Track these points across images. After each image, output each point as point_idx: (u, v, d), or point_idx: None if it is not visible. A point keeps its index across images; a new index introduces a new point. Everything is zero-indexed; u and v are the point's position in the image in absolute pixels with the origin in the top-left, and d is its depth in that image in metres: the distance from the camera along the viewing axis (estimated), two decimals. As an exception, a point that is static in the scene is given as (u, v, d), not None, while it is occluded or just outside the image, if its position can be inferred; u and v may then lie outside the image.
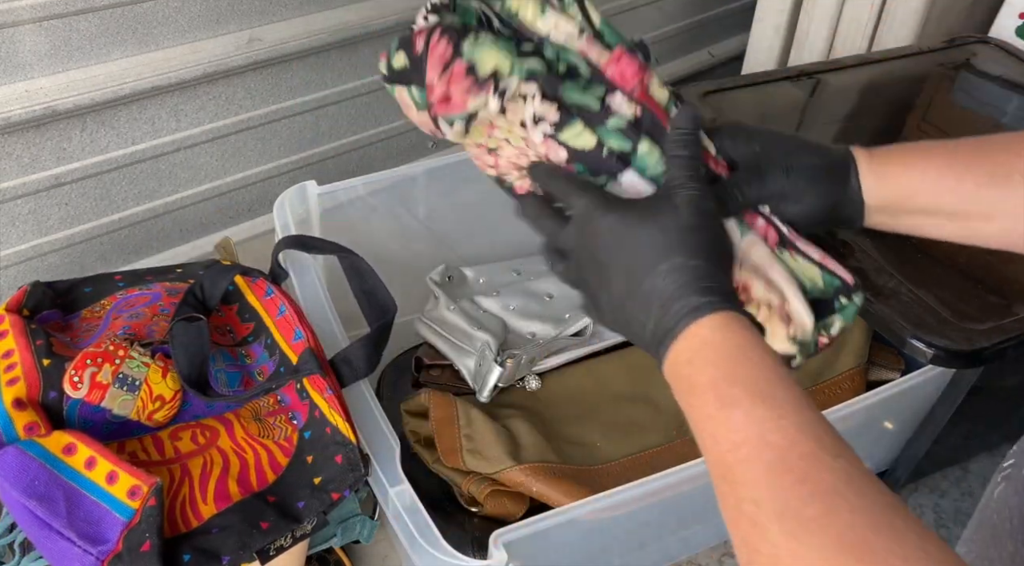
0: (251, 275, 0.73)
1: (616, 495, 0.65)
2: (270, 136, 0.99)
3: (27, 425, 0.58)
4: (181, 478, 0.61)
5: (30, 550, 0.62)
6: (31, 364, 0.61)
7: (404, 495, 0.62)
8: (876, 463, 0.91)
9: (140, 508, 0.55)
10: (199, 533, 0.58)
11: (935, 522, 0.91)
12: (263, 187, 1.01)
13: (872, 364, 0.89)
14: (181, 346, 0.63)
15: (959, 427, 0.85)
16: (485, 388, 0.79)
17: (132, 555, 0.54)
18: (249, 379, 0.68)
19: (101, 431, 0.61)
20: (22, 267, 0.87)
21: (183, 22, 0.86)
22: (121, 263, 0.95)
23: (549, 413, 0.81)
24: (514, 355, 0.80)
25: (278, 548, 0.59)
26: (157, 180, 0.92)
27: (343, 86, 1.01)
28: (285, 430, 0.65)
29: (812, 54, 1.24)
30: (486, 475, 0.74)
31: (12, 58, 0.77)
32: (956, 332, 0.73)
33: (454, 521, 0.74)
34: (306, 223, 0.82)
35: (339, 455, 0.62)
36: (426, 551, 0.60)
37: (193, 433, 0.64)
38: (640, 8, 1.30)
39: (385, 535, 0.83)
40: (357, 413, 0.65)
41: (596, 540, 0.73)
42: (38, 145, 0.81)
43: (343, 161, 1.07)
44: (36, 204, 0.85)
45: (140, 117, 0.87)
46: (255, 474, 0.62)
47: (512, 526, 0.62)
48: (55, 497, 0.55)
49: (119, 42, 0.82)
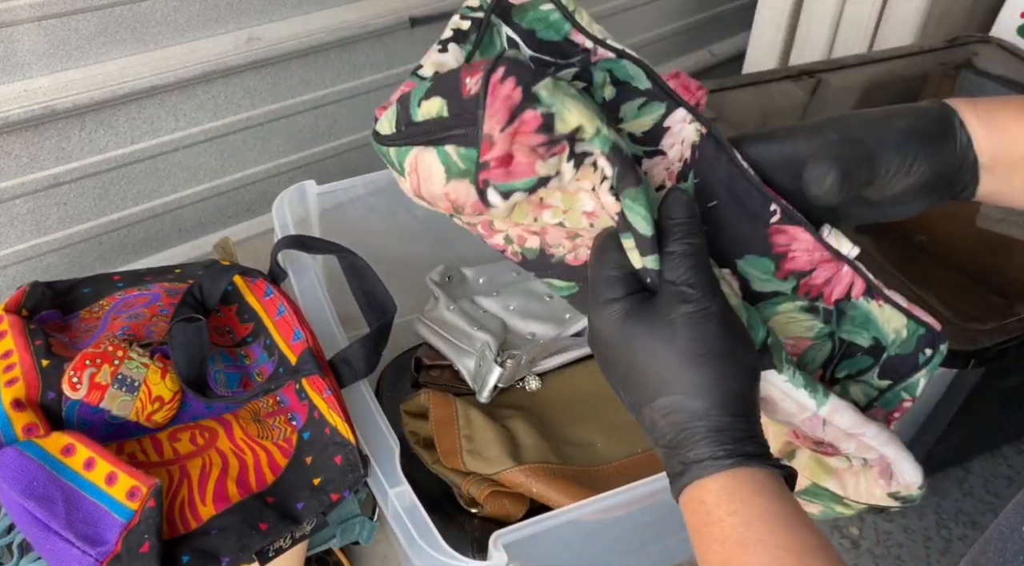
0: (250, 275, 0.73)
1: (616, 496, 0.65)
2: (269, 136, 0.98)
3: (26, 426, 0.58)
4: (180, 479, 0.61)
5: (29, 551, 0.62)
6: (30, 364, 0.61)
7: (403, 496, 0.62)
8: (877, 463, 0.91)
9: (139, 509, 0.55)
10: (198, 534, 0.58)
11: (936, 523, 0.91)
12: (262, 187, 1.01)
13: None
14: (180, 347, 0.63)
15: (960, 428, 0.85)
16: (485, 388, 0.79)
17: (131, 556, 0.54)
18: (248, 380, 0.68)
19: (100, 432, 0.61)
20: (21, 267, 0.87)
21: (182, 21, 0.85)
22: (120, 263, 0.95)
23: (549, 413, 0.81)
24: (514, 355, 0.80)
25: (277, 549, 0.59)
26: (156, 180, 0.92)
27: (342, 85, 1.00)
28: (284, 431, 0.65)
29: (813, 53, 1.24)
30: (486, 476, 0.74)
31: (11, 57, 0.76)
32: (957, 332, 0.73)
33: (454, 522, 0.74)
34: (305, 223, 0.82)
35: (338, 456, 0.62)
36: (426, 552, 0.60)
37: (192, 434, 0.64)
38: (640, 7, 1.30)
39: (384, 536, 0.83)
40: (356, 414, 0.65)
41: (596, 541, 0.73)
42: (37, 145, 0.81)
43: (343, 161, 1.07)
44: (35, 204, 0.85)
45: (139, 117, 0.87)
46: (254, 475, 0.62)
47: (512, 527, 0.62)
48: (54, 498, 0.55)
49: (118, 41, 0.82)
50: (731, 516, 0.37)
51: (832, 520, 0.92)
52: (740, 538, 0.37)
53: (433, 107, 0.38)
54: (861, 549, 0.90)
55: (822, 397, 0.44)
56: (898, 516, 0.92)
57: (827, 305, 0.48)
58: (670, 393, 0.39)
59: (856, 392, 0.50)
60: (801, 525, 0.37)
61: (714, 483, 0.38)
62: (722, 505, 0.38)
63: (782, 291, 0.48)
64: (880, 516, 0.92)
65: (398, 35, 1.01)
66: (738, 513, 0.37)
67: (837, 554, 0.37)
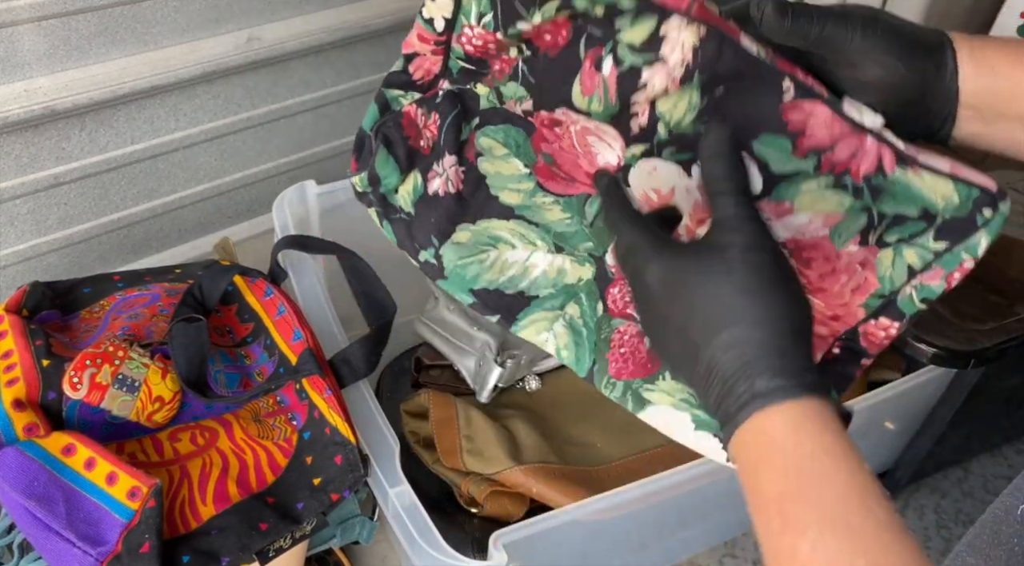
0: (250, 275, 0.73)
1: (616, 496, 0.65)
2: (269, 136, 0.98)
3: (26, 426, 0.58)
4: (180, 479, 0.61)
5: (29, 551, 0.62)
6: (30, 364, 0.61)
7: (404, 496, 0.62)
8: (877, 464, 0.91)
9: (139, 509, 0.55)
10: (198, 534, 0.58)
11: (936, 523, 0.91)
12: (262, 187, 1.01)
13: (873, 364, 0.88)
14: (180, 347, 0.63)
15: (960, 428, 0.85)
16: (485, 388, 0.79)
17: (131, 556, 0.54)
18: (248, 380, 0.68)
19: (100, 432, 0.61)
20: (21, 267, 0.87)
21: (182, 21, 0.85)
22: (120, 263, 0.95)
23: (549, 414, 0.81)
24: (514, 355, 0.80)
25: (277, 549, 0.59)
26: (156, 180, 0.92)
27: (342, 85, 1.00)
28: (284, 431, 0.65)
29: (812, 53, 1.23)
30: (486, 476, 0.74)
31: (11, 57, 0.76)
32: (957, 332, 0.73)
33: (454, 522, 0.74)
34: (305, 223, 0.82)
35: (338, 456, 0.62)
36: (426, 552, 0.60)
37: (192, 434, 0.64)
38: None
39: (384, 536, 0.83)
40: (356, 414, 0.65)
41: (596, 541, 0.73)
42: (37, 145, 0.81)
43: (343, 161, 1.07)
44: (35, 204, 0.85)
45: (139, 117, 0.87)
46: (254, 475, 0.62)
47: (512, 527, 0.62)
48: (54, 498, 0.55)
49: (118, 41, 0.82)
50: (797, 448, 0.37)
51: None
52: (805, 470, 0.36)
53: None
54: (861, 549, 0.89)
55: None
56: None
57: (856, 181, 0.46)
58: (732, 325, 0.39)
59: (911, 255, 0.48)
60: (863, 466, 0.37)
61: (780, 414, 0.37)
62: (789, 436, 0.37)
63: (803, 169, 0.47)
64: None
65: (398, 35, 1.01)
66: (804, 444, 0.37)
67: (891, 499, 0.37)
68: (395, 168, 0.54)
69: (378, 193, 0.55)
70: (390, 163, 0.54)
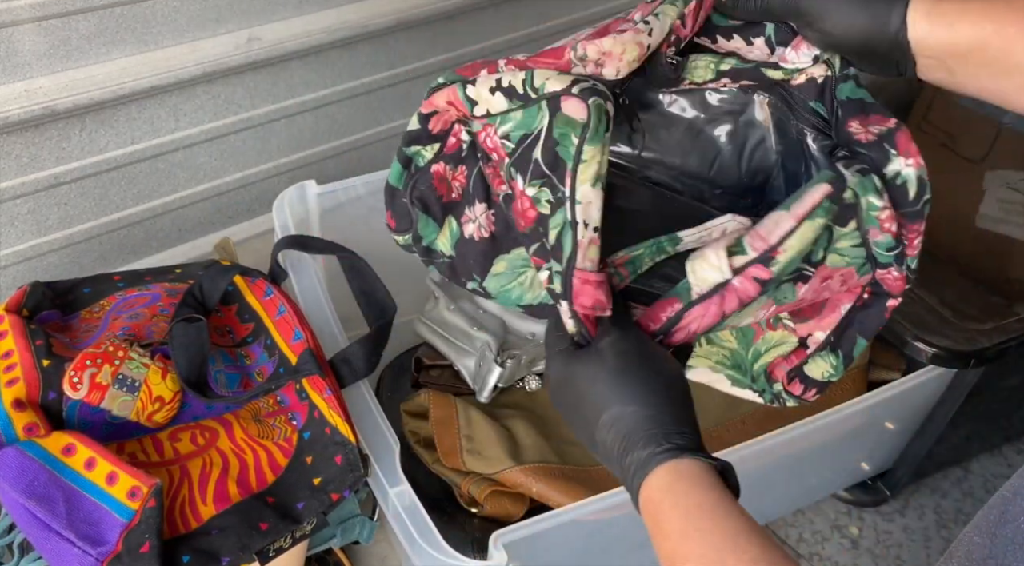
0: (250, 275, 0.73)
1: (616, 495, 0.65)
2: (269, 136, 0.98)
3: (27, 426, 0.58)
4: (180, 479, 0.61)
5: (29, 551, 0.62)
6: (31, 364, 0.61)
7: (404, 496, 0.62)
8: (877, 464, 0.91)
9: (140, 509, 0.55)
10: (198, 534, 0.58)
11: (936, 523, 0.91)
12: (262, 187, 1.01)
13: (873, 364, 0.88)
14: (180, 347, 0.63)
15: (960, 427, 0.85)
16: (485, 388, 0.79)
17: (131, 556, 0.54)
18: (248, 380, 0.68)
19: (100, 432, 0.61)
20: (21, 267, 0.87)
21: (182, 21, 0.85)
22: (120, 263, 0.95)
23: (549, 413, 0.81)
24: (514, 355, 0.80)
25: (277, 549, 0.59)
26: (156, 180, 0.92)
27: (342, 85, 1.00)
28: (284, 431, 0.65)
29: (812, 53, 1.23)
30: (486, 476, 0.74)
31: (11, 58, 0.76)
32: (957, 332, 0.73)
33: (454, 522, 0.74)
34: (305, 223, 0.82)
35: (339, 456, 0.62)
36: (426, 552, 0.60)
37: (192, 434, 0.64)
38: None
39: (385, 536, 0.83)
40: (357, 414, 0.65)
41: (596, 541, 0.73)
42: (37, 145, 0.81)
43: (343, 161, 1.07)
44: (35, 204, 0.85)
45: (139, 117, 0.87)
46: (254, 475, 0.62)
47: (512, 527, 0.62)
48: (55, 498, 0.55)
49: (118, 41, 0.82)
50: (673, 509, 0.41)
51: (832, 521, 0.92)
52: (682, 529, 0.41)
53: None
54: (861, 549, 0.90)
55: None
56: (898, 516, 0.92)
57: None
58: (609, 407, 0.45)
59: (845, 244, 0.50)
60: (735, 512, 0.41)
61: (657, 480, 0.42)
62: (665, 499, 0.42)
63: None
64: (880, 516, 0.92)
65: (398, 35, 1.01)
66: (679, 505, 0.41)
67: (770, 536, 0.41)
68: (435, 227, 0.58)
69: (421, 247, 0.59)
70: (430, 224, 0.58)
